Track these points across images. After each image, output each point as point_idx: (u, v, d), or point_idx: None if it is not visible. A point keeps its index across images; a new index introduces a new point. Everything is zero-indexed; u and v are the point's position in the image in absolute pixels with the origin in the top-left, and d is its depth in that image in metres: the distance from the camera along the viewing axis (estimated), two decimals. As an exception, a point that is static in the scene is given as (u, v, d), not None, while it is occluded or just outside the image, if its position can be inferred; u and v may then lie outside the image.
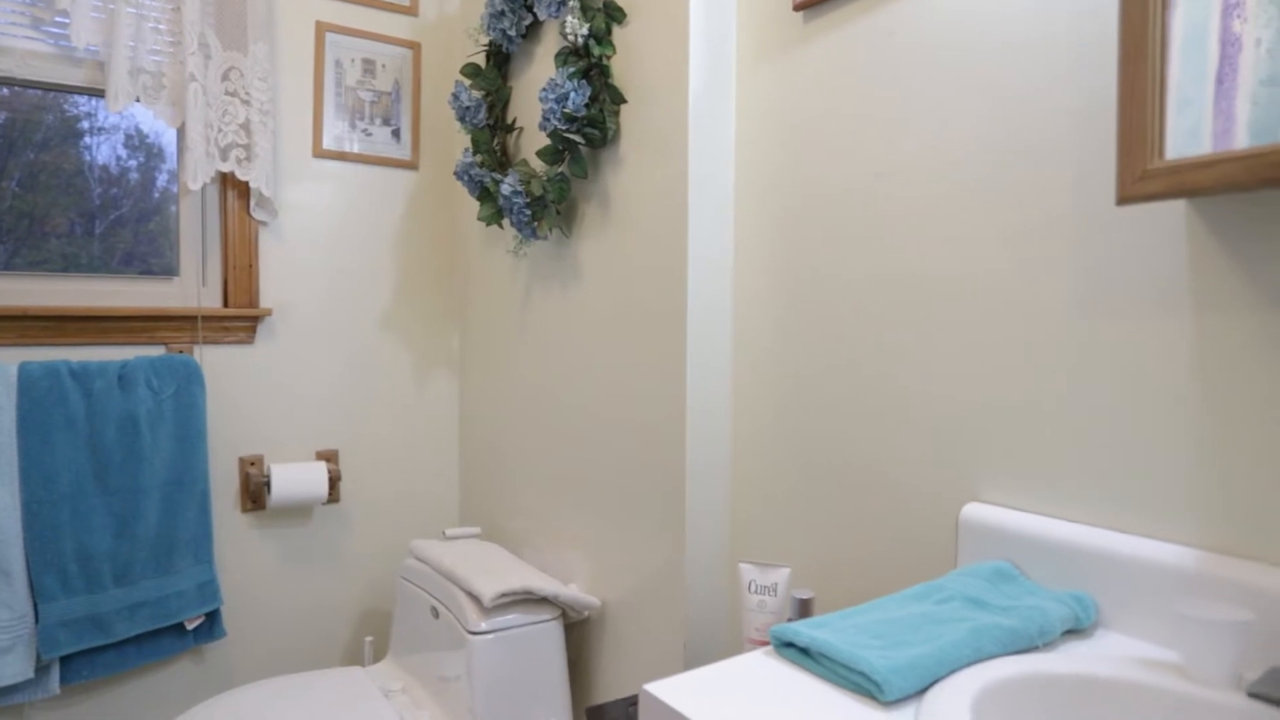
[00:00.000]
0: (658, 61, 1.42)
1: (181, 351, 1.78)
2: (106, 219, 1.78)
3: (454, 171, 1.85)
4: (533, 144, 1.80)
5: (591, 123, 1.50)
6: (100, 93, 1.73)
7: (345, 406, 2.00)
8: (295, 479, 1.85)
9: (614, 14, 1.50)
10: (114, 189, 1.78)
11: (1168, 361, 0.87)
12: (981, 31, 1.04)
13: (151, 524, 1.67)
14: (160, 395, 1.68)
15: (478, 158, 1.80)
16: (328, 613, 2.00)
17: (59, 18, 1.65)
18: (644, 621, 1.49)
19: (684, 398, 1.37)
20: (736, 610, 1.43)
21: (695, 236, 1.37)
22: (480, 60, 1.93)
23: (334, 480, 1.97)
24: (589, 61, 1.50)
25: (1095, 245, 0.93)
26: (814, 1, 1.25)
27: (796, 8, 1.28)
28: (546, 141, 1.69)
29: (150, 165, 1.82)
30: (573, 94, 1.47)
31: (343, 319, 2.00)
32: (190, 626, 1.73)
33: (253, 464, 1.88)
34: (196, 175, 1.73)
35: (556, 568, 1.75)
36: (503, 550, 1.84)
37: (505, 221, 1.87)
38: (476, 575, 1.60)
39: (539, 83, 1.78)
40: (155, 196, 1.83)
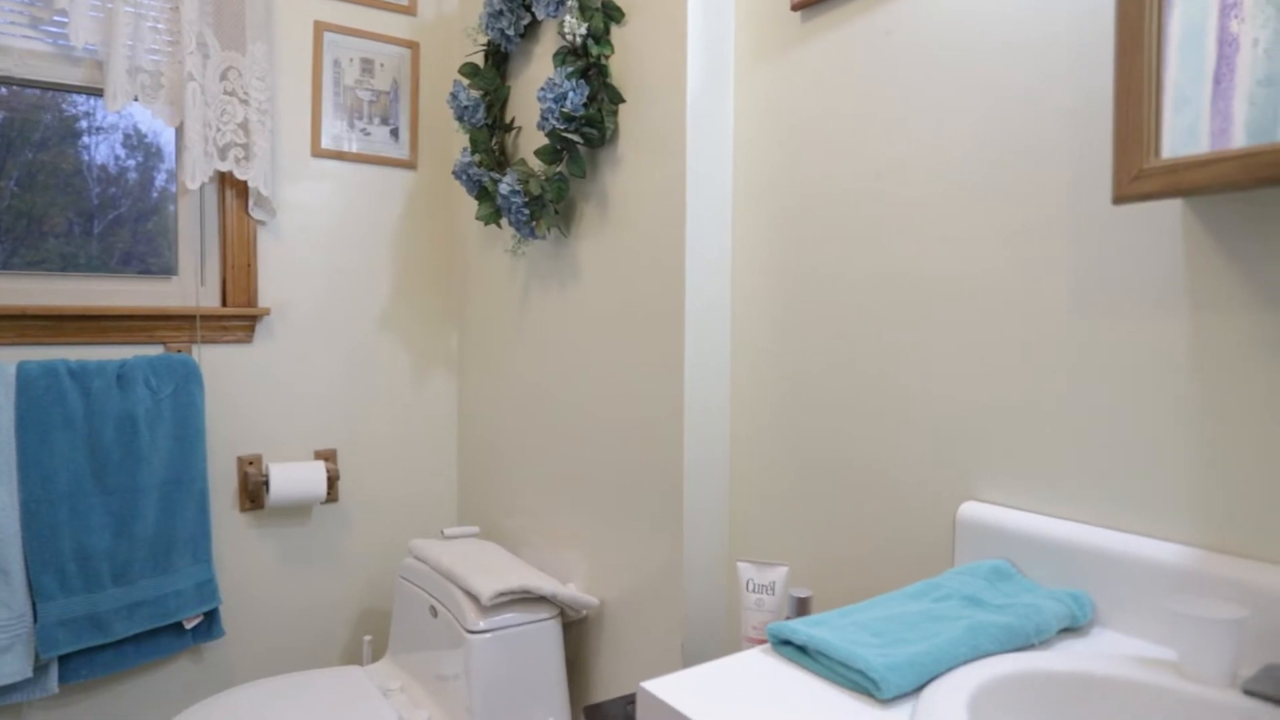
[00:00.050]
0: (656, 61, 1.43)
1: (180, 351, 1.78)
2: (105, 218, 1.78)
3: (452, 171, 1.85)
4: (531, 143, 1.80)
5: (590, 122, 1.50)
6: (99, 92, 1.73)
7: (344, 406, 2.01)
8: (294, 478, 1.85)
9: (612, 13, 1.50)
10: (112, 188, 1.78)
11: (1165, 361, 0.87)
12: (980, 31, 1.05)
13: (150, 523, 1.67)
14: (159, 394, 1.68)
15: (476, 157, 1.80)
16: (326, 612, 2.00)
17: (57, 17, 1.65)
18: (642, 620, 1.49)
19: (682, 397, 1.37)
20: (735, 609, 1.43)
21: (693, 236, 1.37)
22: (479, 60, 1.93)
23: (332, 480, 1.97)
24: (587, 61, 1.50)
25: (1093, 245, 0.93)
26: (812, 1, 1.26)
27: (794, 7, 1.28)
28: (545, 141, 1.69)
29: (149, 165, 1.82)
30: (571, 93, 1.47)
31: (341, 318, 2.00)
32: (189, 626, 1.73)
33: (251, 463, 1.88)
34: (195, 174, 1.73)
35: (555, 567, 1.75)
36: (501, 549, 1.84)
37: (503, 221, 1.87)
38: (475, 574, 1.60)
39: (537, 82, 1.78)
40: (154, 196, 1.83)
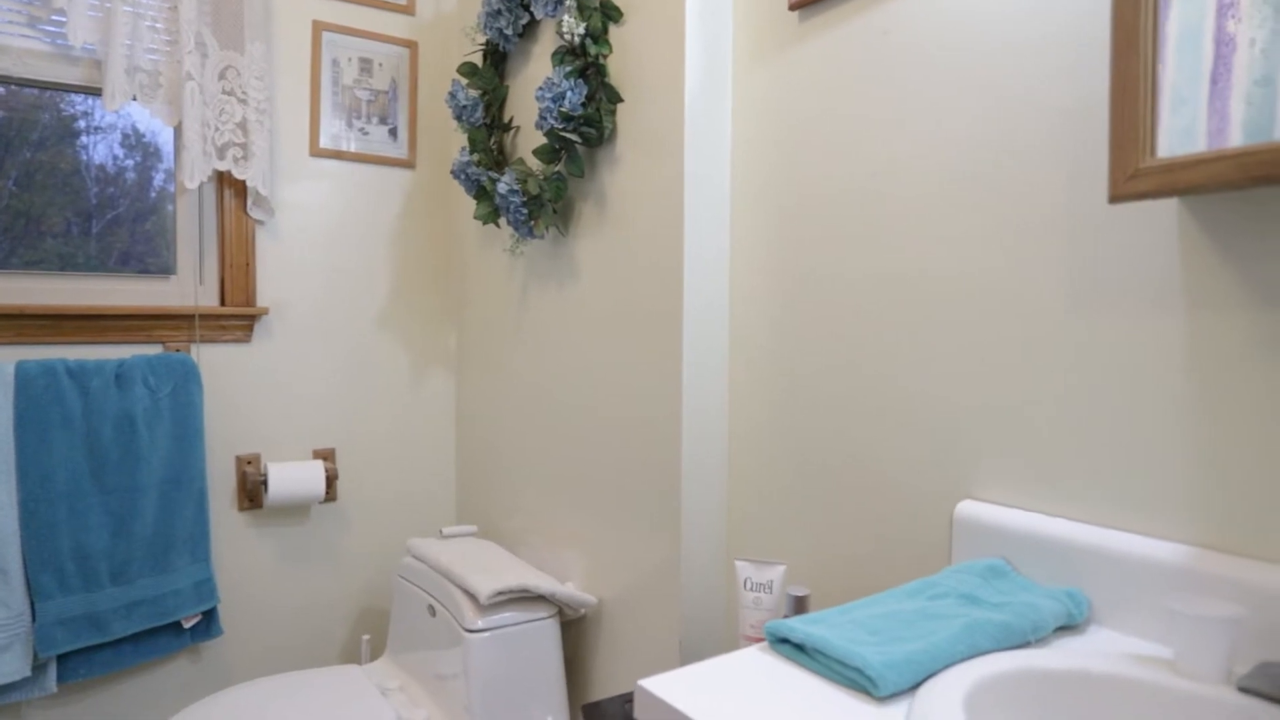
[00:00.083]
0: (654, 61, 1.43)
1: (178, 350, 1.78)
2: (103, 218, 1.78)
3: (451, 170, 1.85)
4: (529, 143, 1.80)
5: (588, 122, 1.50)
6: (97, 91, 1.73)
7: (342, 405, 2.01)
8: (292, 478, 1.85)
9: (610, 13, 1.50)
10: (111, 188, 1.78)
11: (1161, 360, 0.88)
12: (977, 31, 1.05)
13: (149, 522, 1.67)
14: (157, 394, 1.68)
15: (474, 156, 1.81)
16: (325, 611, 2.00)
17: (56, 16, 1.65)
18: (640, 619, 1.49)
19: (680, 396, 1.38)
20: (733, 607, 1.44)
21: (691, 235, 1.37)
22: (477, 59, 1.93)
23: (331, 479, 1.97)
24: (586, 60, 1.50)
25: (1089, 244, 0.94)
26: (809, 1, 1.26)
27: (792, 7, 1.29)
28: (543, 140, 1.69)
29: (147, 164, 1.82)
30: (569, 93, 1.47)
31: (340, 318, 2.00)
32: (187, 625, 1.73)
33: (250, 463, 1.88)
34: (193, 174, 1.73)
35: (553, 566, 1.76)
36: (499, 548, 1.84)
37: (502, 220, 1.88)
38: (473, 573, 1.60)
39: (536, 82, 1.78)
40: (152, 195, 1.83)
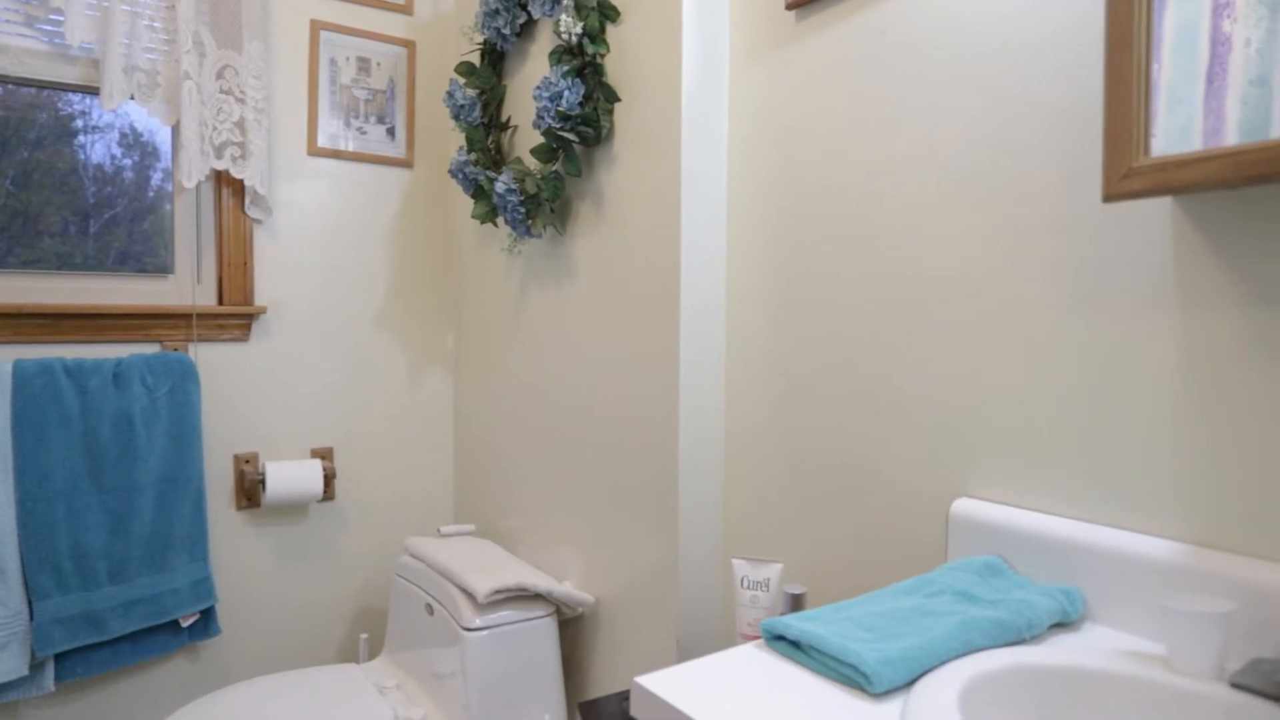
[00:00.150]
0: (651, 60, 1.43)
1: (176, 349, 1.78)
2: (101, 217, 1.78)
3: (448, 169, 1.85)
4: (527, 142, 1.81)
5: (585, 121, 1.50)
6: (94, 91, 1.73)
7: (340, 404, 2.01)
8: (290, 477, 1.85)
9: (608, 13, 1.50)
10: (108, 187, 1.79)
11: (1155, 358, 0.88)
12: (974, 31, 1.05)
13: (146, 521, 1.67)
14: (155, 393, 1.68)
15: (472, 156, 1.81)
16: (323, 610, 2.00)
17: (53, 15, 1.65)
18: (637, 618, 1.49)
19: (677, 395, 1.38)
20: (730, 606, 1.44)
21: (688, 235, 1.38)
22: (475, 59, 1.93)
23: (329, 478, 1.97)
24: (583, 60, 1.50)
25: (1085, 244, 0.94)
26: (806, 0, 1.26)
27: (789, 6, 1.29)
28: (541, 140, 1.70)
29: (145, 163, 1.82)
30: (567, 92, 1.47)
31: (338, 317, 2.00)
32: (185, 624, 1.73)
33: (248, 461, 1.88)
34: (191, 173, 1.73)
35: (551, 565, 1.76)
36: (497, 547, 1.84)
37: (500, 219, 1.88)
38: (471, 572, 1.60)
39: (533, 81, 1.78)
40: (150, 195, 1.83)
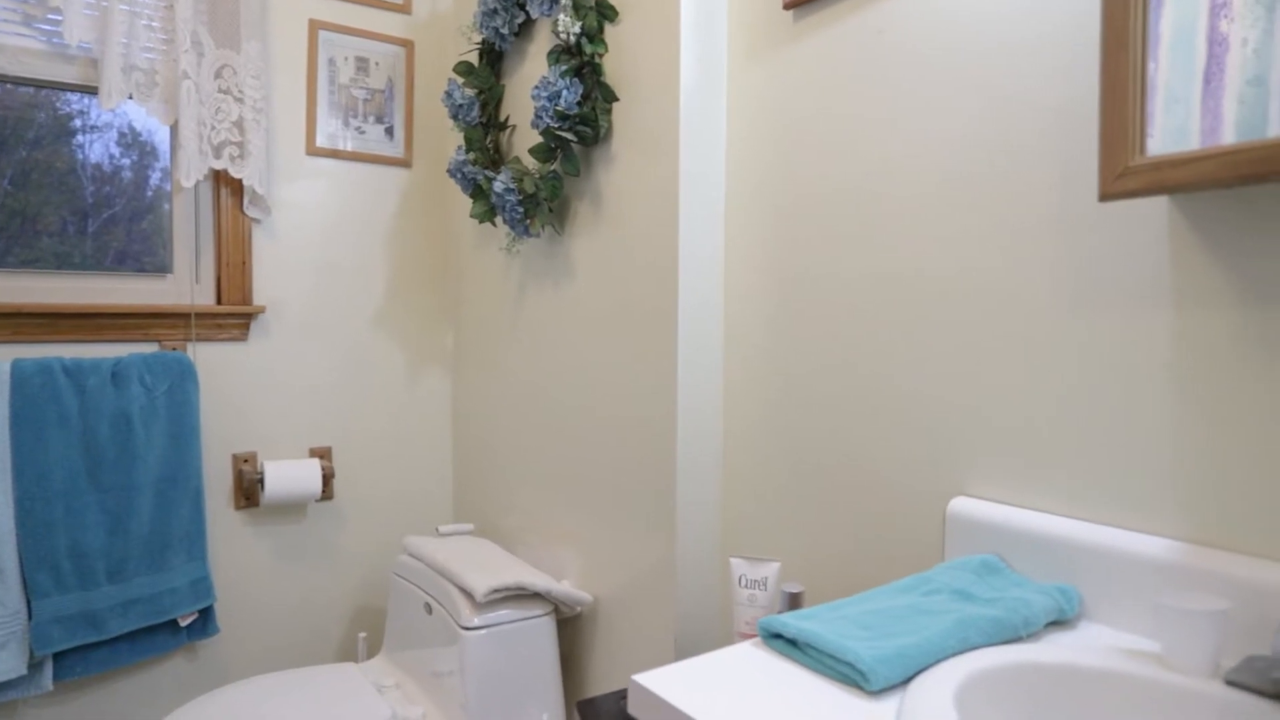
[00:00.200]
0: (649, 60, 1.43)
1: (175, 349, 1.78)
2: (99, 217, 1.78)
3: (447, 169, 1.86)
4: (525, 142, 1.81)
5: (584, 120, 1.51)
6: (93, 90, 1.73)
7: (339, 404, 2.01)
8: (289, 476, 1.86)
9: (606, 12, 1.51)
10: (107, 187, 1.79)
11: (1151, 358, 0.88)
12: (972, 31, 1.05)
13: (145, 521, 1.67)
14: (154, 392, 1.68)
15: (470, 155, 1.81)
16: (321, 609, 2.00)
17: (51, 14, 1.65)
18: (636, 617, 1.50)
19: (675, 395, 1.38)
20: (728, 605, 1.44)
21: (686, 234, 1.38)
22: (473, 58, 1.93)
23: (327, 477, 1.97)
24: (581, 60, 1.50)
25: (1082, 243, 0.94)
26: (804, 0, 1.26)
27: (786, 6, 1.29)
28: (539, 139, 1.70)
29: (143, 163, 1.82)
30: (565, 92, 1.48)
31: (336, 316, 2.00)
32: (184, 623, 1.73)
33: (246, 461, 1.88)
34: (189, 173, 1.73)
35: (549, 564, 1.76)
36: (496, 547, 1.85)
37: (498, 219, 1.88)
38: (469, 571, 1.60)
39: (532, 81, 1.78)
40: (148, 194, 1.83)
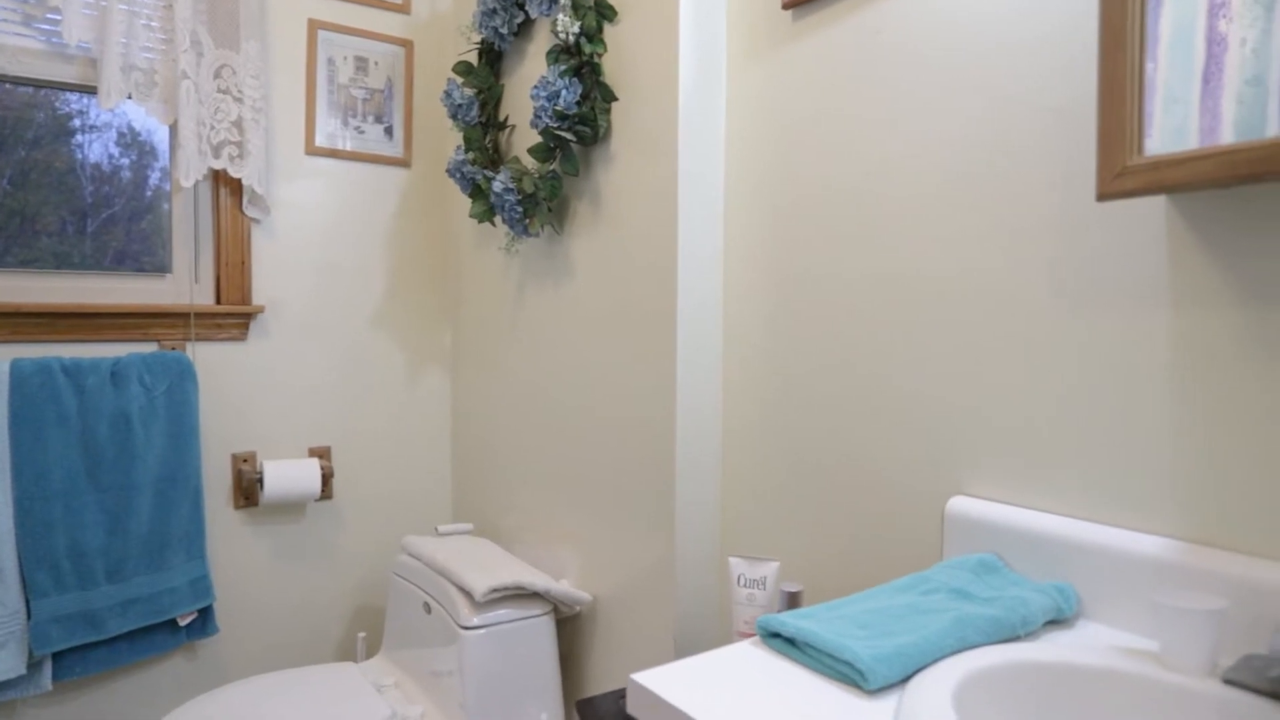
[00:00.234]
0: (649, 60, 1.43)
1: (174, 348, 1.78)
2: (98, 217, 1.78)
3: (446, 169, 1.86)
4: (524, 141, 1.81)
5: (583, 120, 1.51)
6: (92, 90, 1.73)
7: (338, 403, 2.01)
8: (288, 476, 1.86)
9: (605, 12, 1.51)
10: (106, 187, 1.79)
11: (1149, 357, 0.89)
12: (970, 31, 1.06)
13: (144, 520, 1.67)
14: (153, 392, 1.68)
15: (470, 155, 1.81)
16: (320, 609, 2.01)
17: (50, 14, 1.65)
18: (635, 616, 1.50)
19: (674, 394, 1.38)
20: (726, 604, 1.44)
21: (686, 234, 1.38)
22: (472, 58, 1.93)
23: (327, 477, 1.97)
24: (580, 59, 1.50)
25: (1080, 243, 0.94)
26: (803, 0, 1.26)
27: (785, 6, 1.29)
28: (538, 139, 1.70)
29: (142, 163, 1.82)
30: (564, 91, 1.48)
31: (335, 316, 2.00)
32: (183, 623, 1.73)
33: (245, 461, 1.88)
34: (189, 172, 1.73)
35: (548, 563, 1.76)
36: (495, 546, 1.85)
37: (497, 219, 1.88)
38: (469, 571, 1.60)
39: (531, 80, 1.78)
40: (147, 194, 1.83)
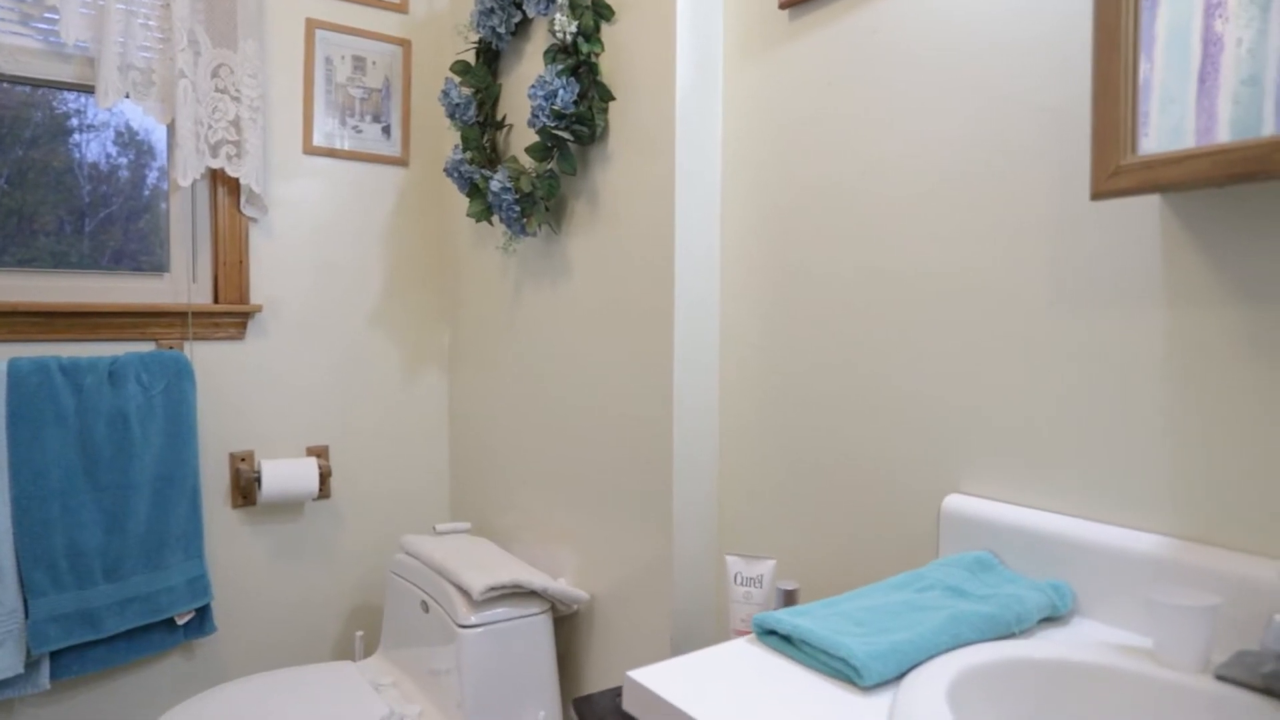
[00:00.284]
0: (646, 59, 1.44)
1: (172, 348, 1.79)
2: (96, 216, 1.78)
3: (444, 168, 1.86)
4: (522, 141, 1.81)
5: (580, 120, 1.51)
6: (90, 89, 1.73)
7: (336, 403, 2.01)
8: (286, 475, 1.86)
9: (602, 12, 1.51)
10: (104, 186, 1.79)
11: (1144, 356, 0.89)
12: (966, 31, 1.06)
13: (142, 520, 1.67)
14: (150, 391, 1.69)
15: (467, 154, 1.81)
16: (318, 608, 2.01)
17: (48, 13, 1.65)
18: (632, 614, 1.50)
19: (671, 393, 1.38)
20: (723, 602, 1.45)
21: (682, 233, 1.38)
22: (470, 57, 1.93)
23: (324, 476, 1.97)
24: (577, 59, 1.51)
25: (1076, 242, 0.95)
26: (799, 0, 1.27)
27: (782, 6, 1.29)
28: (536, 138, 1.70)
29: (140, 162, 1.82)
30: (561, 91, 1.48)
31: (333, 315, 2.00)
32: (181, 622, 1.73)
33: (243, 460, 1.89)
34: (186, 172, 1.73)
35: (546, 562, 1.76)
36: (493, 545, 1.85)
37: (495, 218, 1.88)
38: (466, 569, 1.61)
39: (528, 80, 1.78)
40: (145, 193, 1.83)
